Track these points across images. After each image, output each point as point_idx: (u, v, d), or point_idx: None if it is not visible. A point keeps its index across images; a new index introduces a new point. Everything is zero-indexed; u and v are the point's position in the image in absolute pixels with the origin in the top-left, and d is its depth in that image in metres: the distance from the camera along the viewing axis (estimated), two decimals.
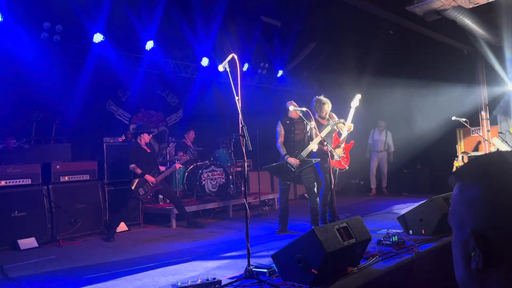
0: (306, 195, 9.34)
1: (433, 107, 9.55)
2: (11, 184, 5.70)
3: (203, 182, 7.66)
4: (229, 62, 3.61)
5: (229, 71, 3.60)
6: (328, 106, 5.81)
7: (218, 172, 7.94)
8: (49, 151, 6.55)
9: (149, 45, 8.08)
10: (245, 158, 3.47)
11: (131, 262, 4.60)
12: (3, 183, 5.61)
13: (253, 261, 3.48)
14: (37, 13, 6.63)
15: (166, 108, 9.40)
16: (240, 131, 3.47)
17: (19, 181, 5.78)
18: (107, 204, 6.63)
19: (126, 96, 8.64)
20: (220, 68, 3.62)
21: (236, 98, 3.47)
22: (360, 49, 9.99)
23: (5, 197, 5.58)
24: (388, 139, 10.10)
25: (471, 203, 0.73)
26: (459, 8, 6.66)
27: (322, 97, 5.85)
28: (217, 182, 7.88)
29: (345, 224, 3.38)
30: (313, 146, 5.51)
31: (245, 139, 3.45)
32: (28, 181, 5.87)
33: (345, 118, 5.70)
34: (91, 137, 7.27)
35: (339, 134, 5.77)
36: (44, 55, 7.05)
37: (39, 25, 6.62)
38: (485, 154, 0.79)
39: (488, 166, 0.75)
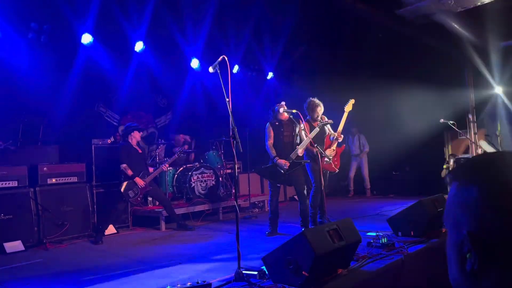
0: (296, 197, 9.39)
1: (421, 109, 9.62)
2: None
3: (193, 184, 7.61)
4: (220, 63, 3.59)
5: (220, 73, 3.58)
6: (320, 109, 5.83)
7: (208, 174, 7.91)
8: (36, 153, 6.45)
9: (139, 46, 8.03)
10: (236, 160, 3.46)
11: (120, 265, 4.55)
12: None
13: (243, 263, 3.47)
14: (23, 13, 6.54)
15: (155, 110, 9.34)
16: (231, 133, 3.46)
17: (5, 183, 5.67)
18: (95, 206, 6.55)
19: (115, 97, 8.57)
20: (211, 69, 3.61)
21: (227, 99, 3.46)
22: (350, 52, 10.04)
23: None
24: (362, 141, 10.49)
25: (468, 204, 0.72)
26: (448, 12, 6.75)
27: (315, 99, 5.88)
28: (207, 184, 7.84)
29: (335, 226, 3.39)
30: (300, 150, 5.52)
31: (236, 141, 3.44)
32: (14, 184, 5.77)
33: (338, 122, 5.71)
34: (80, 139, 7.16)
35: (330, 137, 5.78)
36: (31, 55, 6.96)
37: (26, 25, 6.52)
38: (482, 155, 0.78)
39: (485, 166, 0.75)
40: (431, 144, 9.79)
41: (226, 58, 3.52)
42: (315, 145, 5.10)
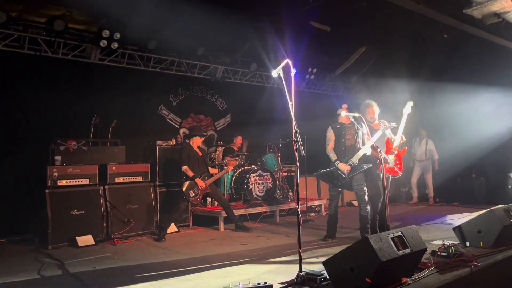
0: (354, 202, 9.21)
1: (490, 113, 9.11)
2: (71, 183, 6.03)
3: (251, 186, 7.72)
4: (283, 67, 3.63)
5: (283, 76, 3.62)
6: (372, 110, 5.67)
7: (265, 176, 7.98)
8: (105, 153, 6.85)
9: (200, 51, 8.30)
10: (298, 163, 3.47)
11: (183, 263, 4.71)
12: (64, 182, 5.96)
13: (303, 267, 3.47)
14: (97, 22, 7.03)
15: (214, 113, 9.59)
16: (293, 136, 3.48)
17: (79, 181, 6.11)
18: (158, 205, 6.84)
19: (177, 101, 8.90)
20: (274, 73, 3.65)
21: (290, 103, 3.48)
22: (412, 53, 9.71)
23: (65, 196, 5.92)
24: (430, 147, 10.08)
25: None
26: None
27: (369, 101, 5.77)
28: (264, 186, 7.92)
29: (400, 233, 3.30)
30: (365, 150, 5.41)
31: (298, 144, 3.45)
32: (86, 181, 6.19)
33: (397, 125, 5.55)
34: (144, 140, 7.53)
35: (391, 140, 5.62)
36: (102, 60, 7.45)
37: (99, 32, 6.96)
38: None
39: None
40: (501, 150, 9.25)
41: (290, 62, 3.55)
42: (378, 150, 4.96)
